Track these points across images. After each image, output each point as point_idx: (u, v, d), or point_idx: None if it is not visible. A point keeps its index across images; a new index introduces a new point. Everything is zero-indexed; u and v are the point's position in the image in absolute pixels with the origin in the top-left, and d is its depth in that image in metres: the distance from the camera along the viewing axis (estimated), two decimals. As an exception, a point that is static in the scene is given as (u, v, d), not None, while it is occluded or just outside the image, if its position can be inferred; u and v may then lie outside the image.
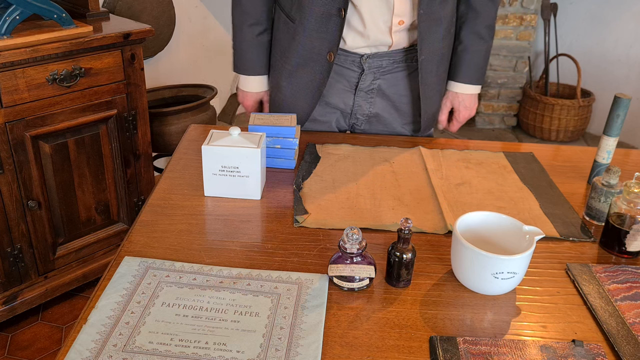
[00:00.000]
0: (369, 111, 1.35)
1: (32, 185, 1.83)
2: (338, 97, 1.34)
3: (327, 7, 1.19)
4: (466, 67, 1.36)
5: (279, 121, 1.19)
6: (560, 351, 0.76)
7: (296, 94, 1.32)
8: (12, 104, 1.71)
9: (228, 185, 1.09)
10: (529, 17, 3.56)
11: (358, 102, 1.34)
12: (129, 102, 2.00)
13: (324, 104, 1.35)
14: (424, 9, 1.18)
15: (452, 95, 1.40)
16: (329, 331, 0.79)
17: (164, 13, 2.69)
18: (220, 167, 1.07)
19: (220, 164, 1.07)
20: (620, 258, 0.97)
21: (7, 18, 1.69)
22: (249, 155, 1.06)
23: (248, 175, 1.07)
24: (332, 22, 1.20)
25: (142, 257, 0.92)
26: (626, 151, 1.37)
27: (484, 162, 1.27)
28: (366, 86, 1.31)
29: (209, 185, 1.09)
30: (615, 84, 3.58)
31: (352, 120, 1.38)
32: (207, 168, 1.08)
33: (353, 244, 0.84)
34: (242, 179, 1.08)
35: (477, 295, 0.87)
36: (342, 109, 1.36)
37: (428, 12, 1.19)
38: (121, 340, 0.75)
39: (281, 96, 1.35)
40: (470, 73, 1.36)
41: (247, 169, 1.07)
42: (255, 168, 1.07)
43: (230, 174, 1.07)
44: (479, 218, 0.91)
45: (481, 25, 1.31)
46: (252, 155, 1.05)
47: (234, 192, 1.09)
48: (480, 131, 3.81)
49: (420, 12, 1.18)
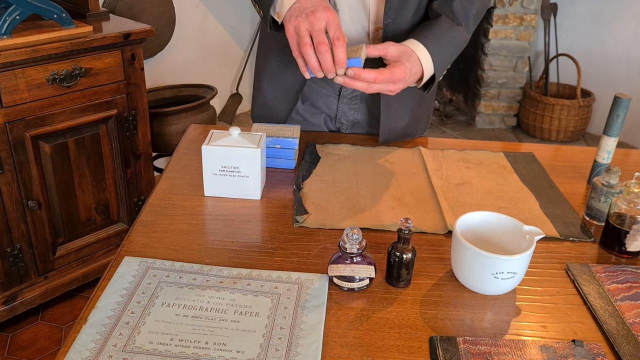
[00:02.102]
0: (353, 117, 1.35)
1: (32, 185, 1.83)
2: (322, 102, 1.34)
3: None
4: (429, 31, 1.13)
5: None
6: (560, 351, 0.76)
7: (276, 97, 1.33)
8: (12, 104, 1.71)
9: (228, 185, 1.08)
10: (529, 17, 3.56)
11: (342, 107, 1.34)
12: (129, 102, 2.00)
13: (310, 106, 1.35)
14: (392, 19, 1.17)
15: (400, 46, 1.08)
16: (329, 331, 0.79)
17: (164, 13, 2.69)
18: (221, 167, 1.07)
19: (220, 164, 1.06)
20: (620, 258, 0.97)
21: (7, 18, 1.69)
22: (249, 155, 1.05)
23: (248, 175, 1.07)
24: None
25: (142, 257, 0.92)
26: (626, 151, 1.37)
27: (484, 162, 1.27)
28: (349, 93, 1.31)
29: (209, 185, 1.09)
30: (615, 84, 3.58)
31: (337, 124, 1.38)
32: (207, 168, 1.07)
33: (353, 244, 0.84)
34: (242, 179, 1.07)
35: (477, 295, 0.87)
36: (327, 113, 1.36)
37: (396, 21, 1.18)
38: (121, 340, 0.75)
39: (262, 98, 1.36)
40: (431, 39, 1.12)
41: (247, 169, 1.06)
42: (255, 168, 1.07)
43: (230, 174, 1.07)
44: (479, 218, 0.91)
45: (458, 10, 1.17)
46: (252, 156, 1.05)
47: (234, 192, 1.09)
48: (480, 131, 3.81)
49: (386, 22, 1.17)
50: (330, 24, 0.99)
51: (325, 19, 0.99)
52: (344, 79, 1.01)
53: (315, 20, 0.98)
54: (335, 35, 0.98)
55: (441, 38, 1.13)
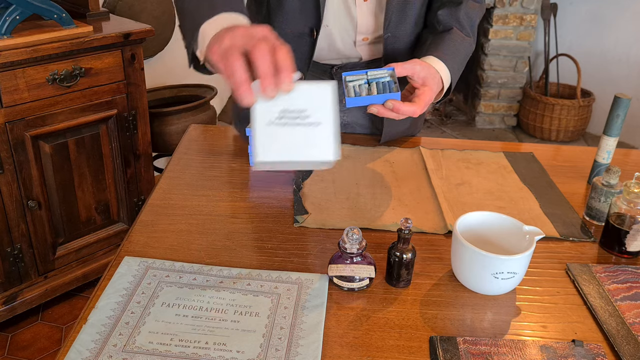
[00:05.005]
0: (343, 120, 1.35)
1: (32, 185, 1.83)
2: None
3: (298, 27, 1.17)
4: (446, 47, 1.11)
5: None
6: (560, 351, 0.76)
7: None
8: (12, 104, 1.71)
9: (289, 141, 0.77)
10: (529, 17, 3.56)
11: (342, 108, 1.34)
12: (129, 102, 2.00)
13: None
14: (391, 32, 1.17)
15: (426, 65, 1.05)
16: (329, 331, 0.79)
17: (164, 13, 2.69)
18: (280, 113, 0.76)
19: (280, 109, 0.76)
20: (620, 258, 0.97)
21: (7, 18, 1.69)
22: (319, 92, 0.78)
23: (319, 122, 0.77)
24: (304, 42, 1.18)
25: (142, 257, 0.92)
26: (626, 151, 1.37)
27: (484, 162, 1.27)
28: (338, 96, 1.31)
29: (262, 144, 0.76)
30: (615, 84, 3.58)
31: None
32: (261, 116, 0.76)
33: (353, 244, 0.84)
34: (311, 128, 0.77)
35: (477, 295, 0.87)
36: None
37: (396, 34, 1.18)
38: (121, 340, 0.75)
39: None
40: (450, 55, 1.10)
41: (318, 113, 0.77)
42: (327, 111, 0.77)
43: (293, 121, 0.77)
44: (479, 218, 0.91)
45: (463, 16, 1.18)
46: (324, 93, 0.77)
47: (297, 151, 0.77)
48: (480, 131, 3.80)
49: (386, 35, 1.17)
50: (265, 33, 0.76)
51: (253, 30, 0.76)
52: (378, 109, 0.97)
53: (240, 32, 0.77)
54: (277, 43, 0.74)
55: (457, 54, 1.13)
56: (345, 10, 1.15)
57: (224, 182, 1.14)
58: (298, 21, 1.16)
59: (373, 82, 0.99)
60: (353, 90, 0.98)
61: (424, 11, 1.21)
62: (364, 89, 0.98)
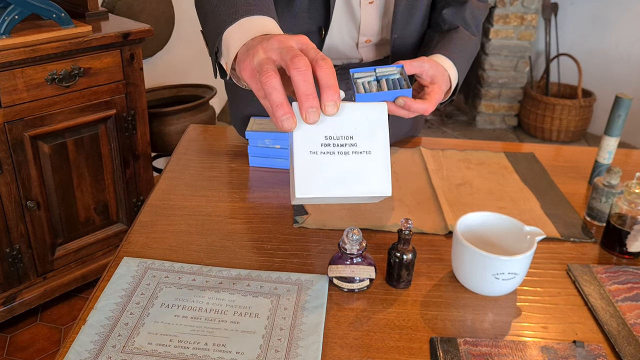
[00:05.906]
0: None
1: (31, 185, 1.83)
2: None
3: (307, 25, 1.16)
4: (454, 45, 1.10)
5: None
6: (561, 352, 0.76)
7: None
8: (11, 104, 1.70)
9: (335, 174, 0.65)
10: (530, 17, 3.56)
11: None
12: (128, 102, 2.00)
13: None
14: (398, 33, 1.17)
15: (434, 63, 1.02)
16: (329, 332, 0.78)
17: (163, 13, 2.69)
18: (324, 140, 0.65)
19: (324, 134, 0.66)
20: (621, 259, 0.97)
21: (5, 17, 1.68)
22: (371, 115, 0.66)
23: (370, 150, 0.66)
24: (311, 40, 1.18)
25: (141, 257, 0.91)
26: (627, 151, 1.36)
27: (484, 163, 1.26)
28: (349, 94, 1.30)
29: (303, 177, 0.65)
30: (616, 84, 3.57)
31: None
32: (301, 143, 0.65)
33: (353, 245, 0.83)
34: (360, 157, 0.66)
35: (477, 296, 0.86)
36: None
37: (403, 35, 1.18)
38: (120, 341, 0.75)
39: (256, 104, 1.34)
40: (457, 54, 1.08)
41: (369, 140, 0.66)
42: (380, 136, 0.66)
43: (339, 149, 0.66)
44: (480, 219, 0.90)
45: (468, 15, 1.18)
46: (376, 116, 0.66)
47: (345, 185, 0.66)
48: (481, 131, 3.80)
49: (394, 36, 1.16)
50: (304, 44, 0.68)
51: (289, 41, 0.67)
52: (389, 107, 0.93)
53: (274, 43, 0.67)
54: (318, 56, 0.65)
55: (464, 53, 1.12)
56: (349, 11, 1.15)
57: (224, 182, 1.14)
58: (306, 20, 1.16)
59: (382, 79, 0.96)
60: (362, 87, 0.96)
61: (428, 11, 1.21)
62: (373, 85, 0.96)
